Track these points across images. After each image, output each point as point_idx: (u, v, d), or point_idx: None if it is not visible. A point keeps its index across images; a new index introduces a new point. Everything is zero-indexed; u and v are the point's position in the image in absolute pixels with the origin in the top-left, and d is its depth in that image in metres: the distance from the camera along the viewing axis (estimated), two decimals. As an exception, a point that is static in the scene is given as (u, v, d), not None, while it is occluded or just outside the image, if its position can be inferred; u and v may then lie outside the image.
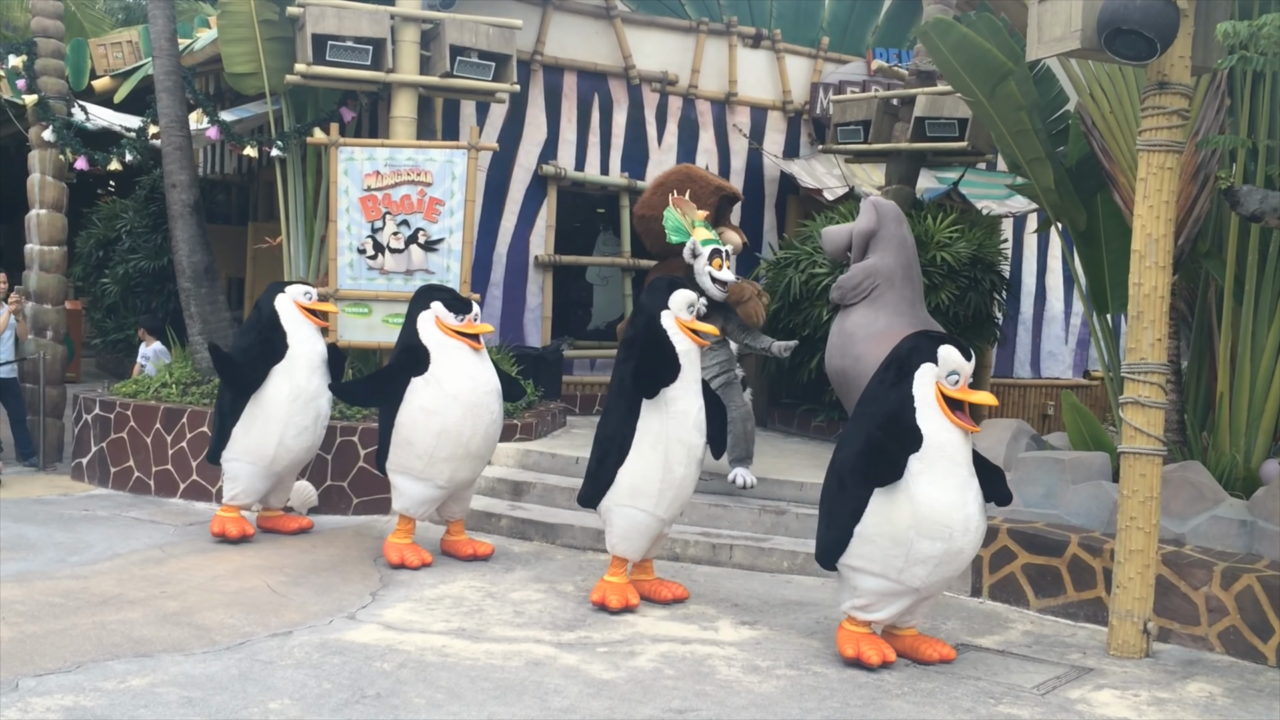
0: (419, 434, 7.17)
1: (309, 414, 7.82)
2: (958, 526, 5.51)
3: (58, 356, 10.78)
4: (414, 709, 4.87)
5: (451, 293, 7.52)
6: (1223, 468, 7.11)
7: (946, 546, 5.52)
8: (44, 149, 10.58)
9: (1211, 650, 6.28)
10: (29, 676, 5.04)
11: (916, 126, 10.78)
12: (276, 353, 7.75)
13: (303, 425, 7.78)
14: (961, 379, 5.61)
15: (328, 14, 9.25)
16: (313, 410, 7.84)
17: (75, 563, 7.05)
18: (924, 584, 5.63)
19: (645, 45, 12.44)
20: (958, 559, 5.60)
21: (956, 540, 5.53)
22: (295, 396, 7.73)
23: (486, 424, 7.26)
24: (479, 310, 7.49)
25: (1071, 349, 14.98)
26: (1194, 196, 7.16)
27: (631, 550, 6.54)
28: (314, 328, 7.98)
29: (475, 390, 7.21)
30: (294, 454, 7.84)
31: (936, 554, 5.52)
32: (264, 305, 7.96)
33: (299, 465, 8.04)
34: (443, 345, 7.25)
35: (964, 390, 5.60)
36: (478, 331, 7.33)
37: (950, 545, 5.53)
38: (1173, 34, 5.71)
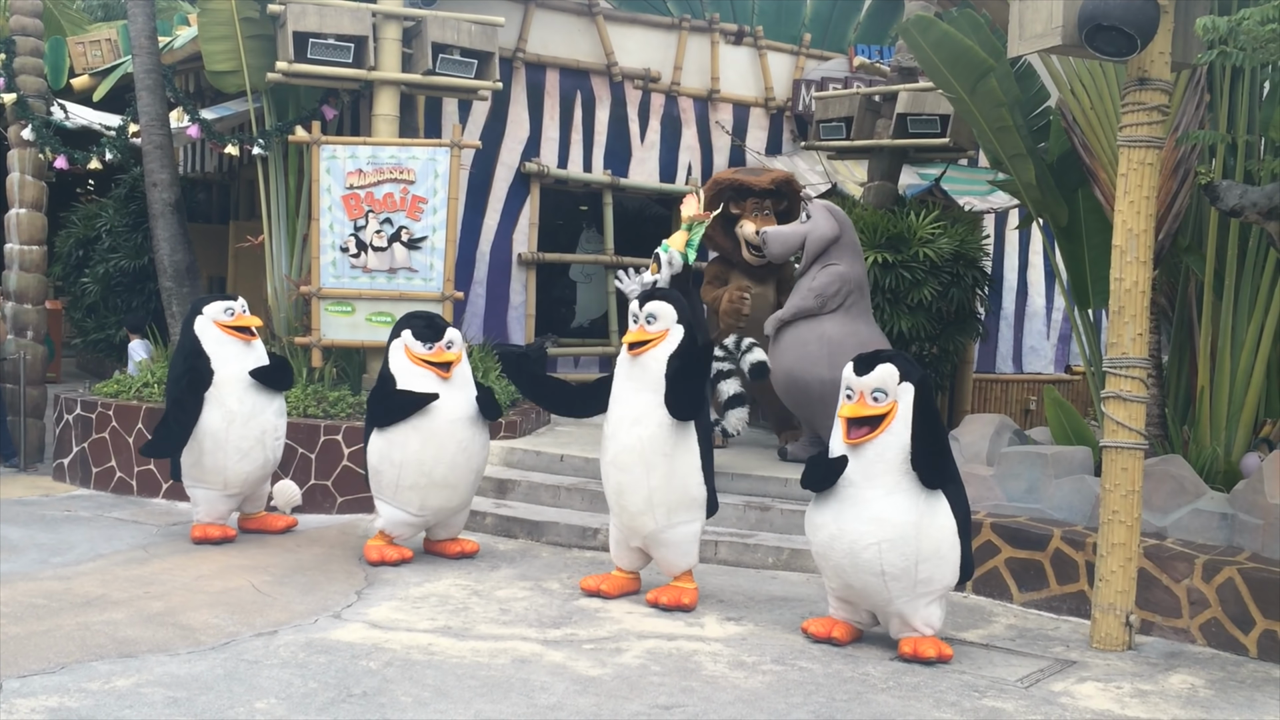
0: (383, 464, 7.18)
1: (249, 436, 7.62)
2: (821, 533, 5.87)
3: (38, 356, 10.72)
4: (400, 707, 4.87)
5: (425, 320, 7.29)
6: (1203, 461, 7.16)
7: (817, 550, 5.97)
8: (23, 148, 10.52)
9: (1193, 642, 6.32)
10: (13, 678, 5.01)
11: (898, 123, 10.81)
12: (204, 380, 7.50)
13: (244, 449, 7.61)
14: (855, 394, 5.80)
15: (309, 11, 9.21)
16: (254, 430, 7.63)
17: (58, 564, 7.01)
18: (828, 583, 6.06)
19: (627, 42, 12.44)
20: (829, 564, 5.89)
21: (823, 547, 5.89)
22: (230, 421, 7.55)
23: (452, 453, 7.14)
24: (455, 337, 7.27)
25: (1053, 344, 15.05)
26: (1174, 192, 7.21)
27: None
28: (240, 345, 7.67)
29: (436, 419, 7.10)
30: (245, 476, 7.69)
31: (815, 555, 6.04)
32: (184, 330, 7.71)
33: (257, 483, 7.88)
34: (409, 374, 7.14)
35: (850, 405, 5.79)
36: (445, 360, 7.18)
37: (819, 549, 5.94)
38: (1153, 30, 5.74)
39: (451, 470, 7.21)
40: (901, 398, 5.73)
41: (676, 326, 6.45)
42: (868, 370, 5.78)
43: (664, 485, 6.37)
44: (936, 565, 5.74)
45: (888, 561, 5.67)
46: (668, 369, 6.35)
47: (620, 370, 6.59)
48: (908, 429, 5.71)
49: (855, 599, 5.94)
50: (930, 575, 5.73)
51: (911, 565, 5.68)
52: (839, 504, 5.79)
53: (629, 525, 6.54)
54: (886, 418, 5.71)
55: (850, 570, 5.77)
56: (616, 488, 6.51)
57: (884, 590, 5.73)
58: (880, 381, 5.74)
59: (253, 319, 7.86)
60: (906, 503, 5.68)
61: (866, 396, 5.75)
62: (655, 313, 6.43)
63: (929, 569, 5.72)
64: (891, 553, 5.66)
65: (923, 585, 5.73)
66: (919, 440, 5.70)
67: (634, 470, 6.39)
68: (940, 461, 5.76)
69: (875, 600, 5.83)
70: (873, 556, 5.67)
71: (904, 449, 5.70)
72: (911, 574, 5.69)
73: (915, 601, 5.77)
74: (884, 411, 5.72)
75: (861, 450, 5.74)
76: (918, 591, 5.74)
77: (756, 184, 9.54)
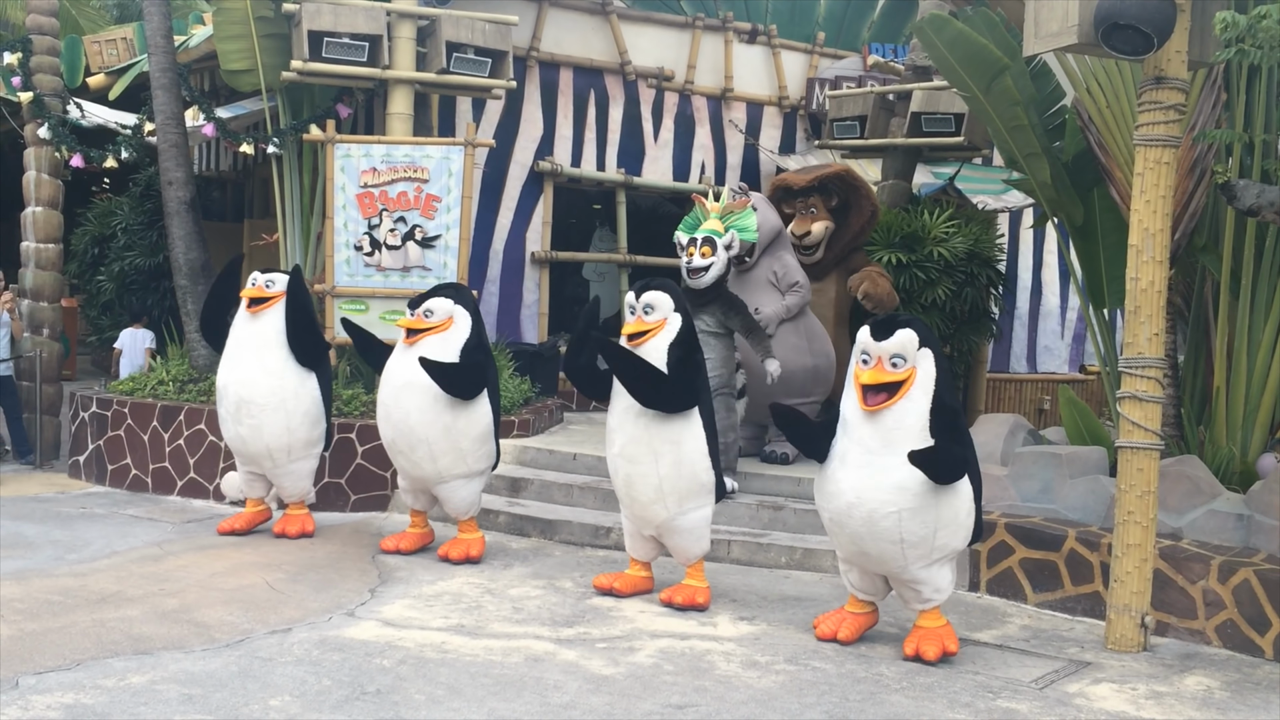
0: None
1: (226, 405, 7.88)
2: (838, 500, 5.77)
3: (54, 354, 10.76)
4: (414, 705, 4.88)
5: (433, 291, 7.43)
6: (1219, 462, 7.12)
7: (831, 516, 5.86)
8: (39, 146, 10.56)
9: (1209, 644, 6.29)
10: (29, 674, 5.04)
11: (912, 122, 10.80)
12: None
13: (222, 416, 7.97)
14: (873, 359, 5.67)
15: (324, 10, 9.24)
16: (230, 400, 7.82)
17: (73, 560, 7.04)
18: (839, 549, 6.02)
19: (641, 41, 12.44)
20: (844, 531, 5.80)
21: (839, 514, 5.78)
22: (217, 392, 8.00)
23: (398, 419, 7.24)
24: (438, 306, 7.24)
25: (1067, 344, 15.00)
26: (1190, 191, 7.17)
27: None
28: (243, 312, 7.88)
29: (387, 386, 7.32)
30: (232, 445, 8.01)
31: (825, 520, 5.96)
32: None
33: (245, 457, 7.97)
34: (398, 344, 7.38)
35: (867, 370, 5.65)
36: (407, 325, 7.24)
37: (833, 516, 5.84)
38: (1169, 29, 5.71)
39: (398, 435, 7.28)
40: (921, 364, 5.63)
41: (674, 315, 6.45)
42: (887, 335, 5.62)
43: (673, 473, 6.37)
44: (953, 532, 5.74)
45: (907, 529, 5.63)
46: (669, 358, 6.36)
47: None
48: (927, 396, 5.61)
49: (869, 565, 5.87)
50: (946, 541, 5.74)
51: (930, 533, 5.65)
52: (857, 470, 5.68)
53: (640, 516, 6.53)
54: (905, 384, 5.60)
55: (868, 538, 5.70)
56: (626, 479, 6.51)
57: (900, 557, 5.71)
58: (900, 347, 5.61)
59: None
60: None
61: (885, 362, 5.61)
62: (652, 303, 6.45)
63: (946, 535, 5.71)
64: (912, 521, 5.61)
65: (938, 551, 5.73)
66: (939, 408, 5.62)
67: (643, 461, 6.39)
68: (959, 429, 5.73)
69: (890, 567, 5.79)
70: (892, 525, 5.62)
71: (923, 416, 5.60)
72: (930, 541, 5.67)
73: (930, 567, 5.76)
74: (903, 378, 5.59)
75: (879, 417, 5.62)
76: (933, 558, 5.74)
77: (795, 182, 9.61)
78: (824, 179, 9.62)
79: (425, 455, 7.24)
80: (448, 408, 7.18)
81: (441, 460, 7.25)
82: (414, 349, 7.19)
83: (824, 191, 9.64)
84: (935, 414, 5.62)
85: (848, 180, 9.65)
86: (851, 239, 9.76)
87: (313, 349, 7.94)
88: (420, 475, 7.35)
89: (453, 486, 7.34)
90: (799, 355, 8.94)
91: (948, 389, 5.73)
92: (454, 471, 7.29)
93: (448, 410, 7.18)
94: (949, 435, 5.61)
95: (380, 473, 8.87)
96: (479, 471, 7.44)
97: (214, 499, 8.99)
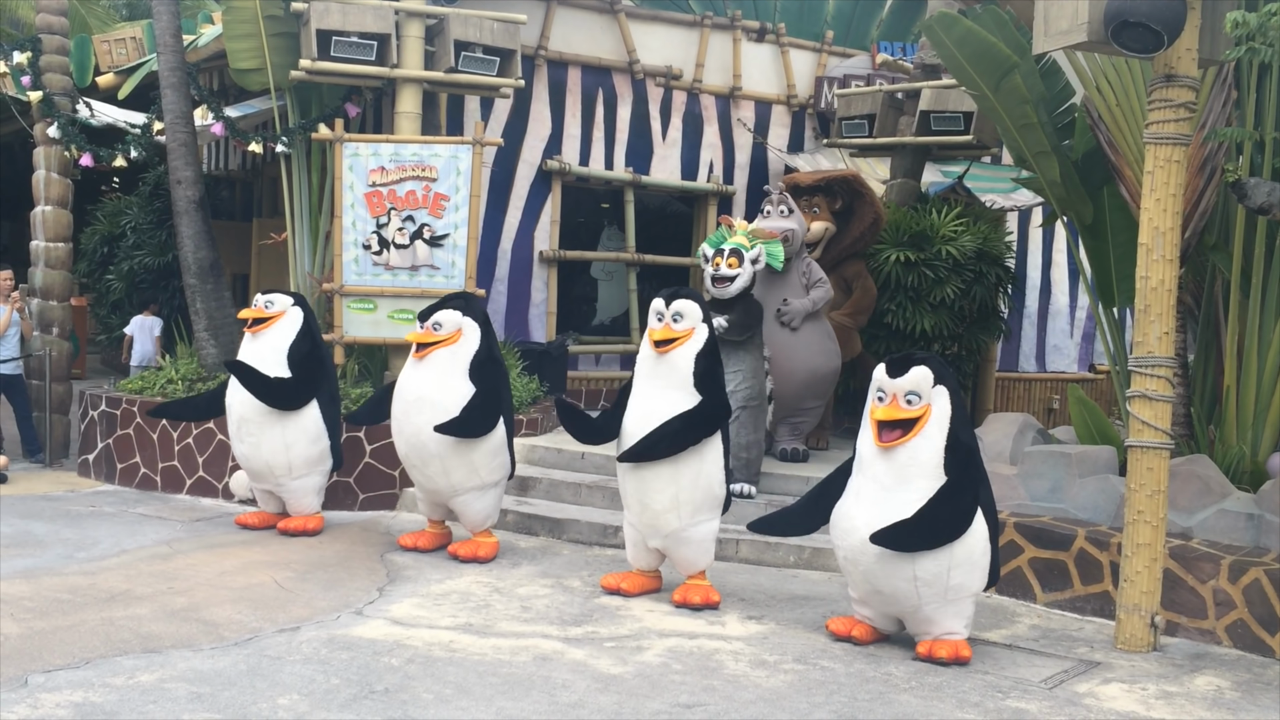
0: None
1: (231, 423, 8.04)
2: (852, 537, 5.76)
3: (63, 353, 10.78)
4: (422, 704, 4.88)
5: (441, 303, 7.42)
6: (1230, 461, 7.10)
7: (845, 554, 5.88)
8: (49, 146, 10.58)
9: (1219, 644, 6.28)
10: (38, 673, 5.05)
11: (921, 120, 10.77)
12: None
13: (229, 431, 8.11)
14: (888, 396, 5.70)
15: (332, 9, 9.24)
16: (233, 417, 7.99)
17: (82, 559, 7.06)
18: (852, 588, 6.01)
19: (649, 40, 12.42)
20: (858, 569, 5.80)
21: (853, 551, 5.78)
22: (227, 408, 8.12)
23: (409, 434, 7.25)
24: (445, 319, 7.25)
25: (1077, 343, 14.96)
26: (1201, 189, 7.15)
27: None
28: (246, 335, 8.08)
29: (400, 401, 7.31)
30: (240, 462, 8.17)
31: (839, 558, 5.97)
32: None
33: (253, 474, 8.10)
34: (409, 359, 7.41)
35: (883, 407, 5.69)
36: (416, 340, 7.25)
37: (847, 554, 5.84)
38: (1180, 26, 5.69)
39: (411, 451, 7.29)
40: (936, 401, 5.67)
41: (702, 326, 6.45)
42: (902, 372, 5.67)
43: (691, 484, 6.36)
44: (968, 571, 5.72)
45: (921, 568, 5.61)
46: (695, 368, 6.34)
47: (643, 368, 6.56)
48: (942, 433, 5.64)
49: (882, 605, 5.87)
50: (961, 581, 5.70)
51: (944, 571, 5.63)
52: (871, 507, 5.69)
53: (650, 524, 6.52)
54: (920, 421, 5.64)
55: (881, 576, 5.70)
56: (640, 486, 6.48)
57: (914, 596, 5.68)
58: (915, 384, 5.66)
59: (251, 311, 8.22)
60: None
61: (900, 399, 5.66)
62: (682, 311, 6.43)
63: (961, 575, 5.69)
64: (926, 559, 5.60)
65: (953, 591, 5.70)
66: (954, 445, 5.63)
67: (662, 469, 6.37)
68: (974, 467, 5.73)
69: (904, 606, 5.77)
70: (905, 563, 5.62)
71: (938, 453, 5.62)
72: (944, 580, 5.65)
73: (945, 608, 5.72)
74: (918, 415, 5.63)
75: (893, 453, 5.66)
76: (948, 598, 5.70)
77: (802, 181, 9.72)
78: (831, 180, 9.66)
79: (438, 470, 7.25)
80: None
81: (455, 474, 7.26)
82: (424, 363, 7.20)
83: (829, 193, 9.71)
84: (950, 451, 5.65)
85: (853, 185, 9.68)
86: (850, 244, 9.83)
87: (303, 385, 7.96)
88: (435, 489, 7.37)
89: (467, 499, 7.34)
90: (828, 358, 9.08)
91: (963, 426, 5.75)
92: (468, 485, 7.30)
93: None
94: (963, 473, 5.66)
95: (389, 472, 8.88)
96: (493, 483, 7.42)
97: (223, 498, 9.01)
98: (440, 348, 7.20)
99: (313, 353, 8.06)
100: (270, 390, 7.82)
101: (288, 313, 8.03)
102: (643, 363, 6.57)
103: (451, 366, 7.18)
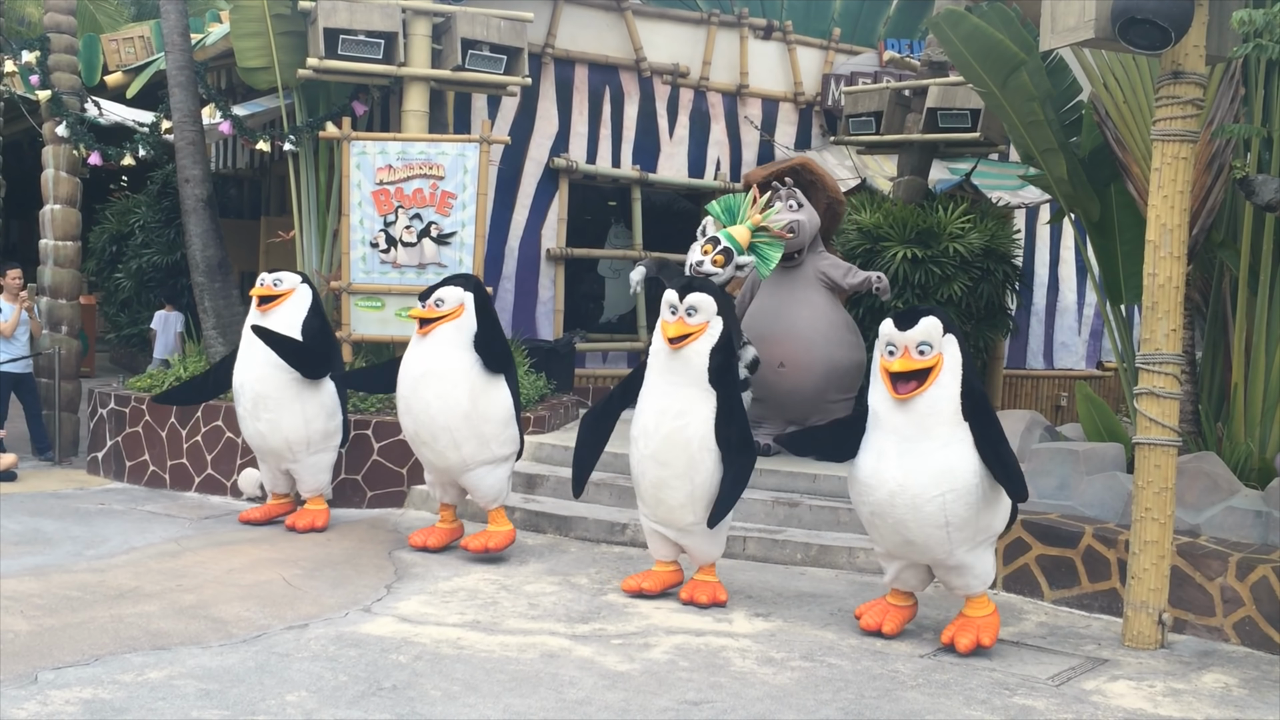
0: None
1: (243, 403, 8.03)
2: (879, 491, 5.76)
3: (72, 351, 10.82)
4: (430, 701, 4.89)
5: (444, 281, 7.46)
6: (1238, 458, 7.09)
7: (872, 510, 5.85)
8: (57, 144, 10.62)
9: (1227, 641, 6.27)
10: (47, 669, 5.07)
11: (928, 118, 10.75)
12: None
13: (241, 414, 8.11)
14: (899, 349, 5.72)
15: (339, 8, 9.26)
16: (247, 396, 7.98)
17: (92, 556, 7.08)
18: (880, 544, 6.01)
19: (656, 37, 12.42)
20: (887, 523, 5.80)
21: (881, 505, 5.77)
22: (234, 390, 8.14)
23: (418, 410, 7.26)
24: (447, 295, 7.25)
25: (1084, 340, 14.94)
26: (1208, 186, 7.13)
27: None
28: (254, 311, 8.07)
29: (406, 378, 7.33)
30: (252, 441, 8.13)
31: (864, 515, 5.96)
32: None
33: (265, 453, 8.10)
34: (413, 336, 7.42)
35: (895, 360, 5.70)
36: (418, 315, 7.26)
37: (875, 509, 5.82)
38: (1187, 23, 5.68)
39: (420, 427, 7.28)
40: (946, 349, 5.71)
41: (716, 319, 6.41)
42: (911, 324, 5.71)
43: (708, 481, 6.34)
44: (994, 512, 5.83)
45: (952, 512, 5.66)
46: (710, 363, 6.33)
47: (655, 363, 6.51)
48: (956, 380, 5.69)
49: (914, 554, 5.87)
50: (989, 522, 5.82)
51: (974, 514, 5.70)
52: (897, 460, 5.71)
53: (664, 519, 6.52)
54: (933, 370, 5.67)
55: (913, 525, 5.71)
56: (656, 482, 6.44)
57: (946, 542, 5.73)
58: (925, 334, 5.68)
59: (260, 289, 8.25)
60: (966, 452, 5.66)
61: (912, 350, 5.68)
62: (696, 305, 6.37)
63: (988, 516, 5.79)
64: (957, 503, 5.65)
65: (981, 533, 5.80)
66: (969, 392, 5.71)
67: (677, 465, 6.35)
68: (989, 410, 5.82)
69: (936, 553, 5.79)
70: (937, 509, 5.65)
71: (955, 400, 5.68)
72: (974, 523, 5.72)
73: (975, 550, 5.81)
74: (931, 364, 5.66)
75: (912, 404, 5.68)
76: (977, 540, 5.79)
77: (753, 178, 9.83)
78: (783, 171, 9.72)
79: (449, 443, 7.24)
80: (467, 394, 7.18)
81: (465, 447, 7.24)
82: (428, 339, 7.23)
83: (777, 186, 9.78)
84: (966, 398, 5.70)
85: (804, 174, 9.71)
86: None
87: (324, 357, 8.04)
88: (446, 466, 7.35)
89: (479, 474, 7.34)
90: (849, 350, 9.11)
91: (972, 372, 5.82)
92: (479, 458, 7.30)
93: (467, 396, 7.18)
94: (983, 419, 5.73)
95: (397, 469, 8.90)
96: (504, 457, 7.42)
97: (231, 495, 9.04)
98: (443, 323, 7.23)
99: (324, 328, 8.16)
100: (299, 353, 7.85)
101: (297, 290, 8.07)
102: (655, 357, 6.52)
103: (456, 339, 7.21)
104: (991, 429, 5.75)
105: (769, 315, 9.13)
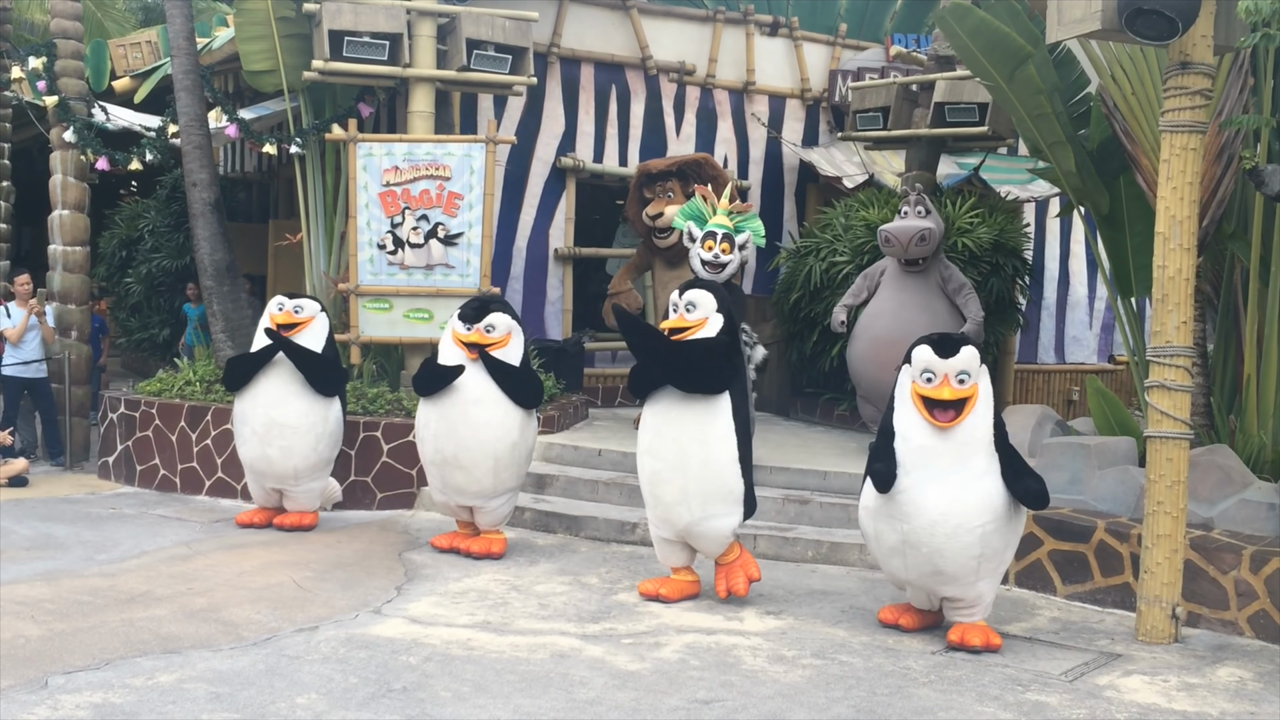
0: (417, 436, 7.63)
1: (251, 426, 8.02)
2: (918, 520, 5.71)
3: (82, 356, 10.84)
4: (440, 702, 4.88)
5: (478, 304, 7.43)
6: (1250, 451, 7.05)
7: (904, 537, 5.76)
8: (65, 150, 10.64)
9: (1241, 635, 6.23)
10: (58, 674, 5.07)
11: (936, 112, 10.72)
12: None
13: (245, 437, 8.09)
14: (937, 377, 5.72)
15: (344, 10, 9.26)
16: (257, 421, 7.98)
17: (103, 561, 7.09)
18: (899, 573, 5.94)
19: (662, 36, 12.41)
20: (920, 552, 5.74)
21: (918, 534, 5.72)
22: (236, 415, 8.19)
23: (464, 434, 7.22)
24: (499, 322, 7.28)
25: (1095, 334, 14.88)
26: (1218, 178, 7.09)
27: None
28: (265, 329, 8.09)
29: (454, 398, 7.25)
30: (256, 465, 8.08)
31: (890, 543, 5.84)
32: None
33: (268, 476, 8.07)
34: (448, 354, 7.35)
35: (933, 388, 5.71)
36: (472, 341, 7.24)
37: (909, 537, 5.75)
38: (1194, 13, 5.65)
39: (462, 450, 7.26)
40: (980, 380, 5.77)
41: (715, 315, 6.44)
42: (953, 353, 5.73)
43: (700, 474, 6.33)
44: (1014, 545, 5.92)
45: (988, 544, 5.69)
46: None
47: None
48: (989, 410, 5.75)
49: (939, 584, 5.83)
50: (1009, 555, 5.92)
51: (1004, 546, 5.78)
52: (939, 488, 5.69)
53: (663, 517, 6.50)
54: (970, 400, 5.70)
55: (948, 554, 5.69)
56: (652, 476, 6.47)
57: (974, 573, 5.74)
58: (966, 364, 5.72)
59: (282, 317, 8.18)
60: (999, 483, 5.72)
61: (951, 379, 5.70)
62: (694, 301, 6.44)
63: (1011, 549, 5.90)
64: (994, 535, 5.69)
65: (1003, 565, 5.88)
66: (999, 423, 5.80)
67: (668, 458, 6.36)
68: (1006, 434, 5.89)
69: (961, 583, 5.79)
70: (974, 540, 5.66)
71: (989, 430, 5.74)
72: (1002, 554, 5.79)
73: (992, 580, 5.86)
74: (969, 394, 5.70)
75: (951, 433, 5.70)
76: (998, 571, 5.85)
77: (654, 167, 10.12)
78: (683, 165, 10.01)
79: (488, 470, 7.27)
80: (517, 424, 7.29)
81: (503, 474, 7.33)
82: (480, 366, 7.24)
83: (682, 177, 10.03)
84: (996, 427, 5.78)
85: (704, 169, 9.92)
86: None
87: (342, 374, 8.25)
88: (477, 490, 7.34)
89: (501, 500, 7.43)
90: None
91: (998, 403, 5.93)
92: (508, 485, 7.41)
93: (517, 427, 7.30)
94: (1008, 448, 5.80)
95: (406, 471, 8.90)
96: (520, 485, 7.60)
97: (241, 498, 9.03)
98: (494, 349, 7.27)
99: (338, 355, 8.32)
100: (321, 367, 7.94)
101: (317, 317, 8.10)
102: None
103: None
104: (1017, 459, 5.83)
105: (888, 317, 8.94)
